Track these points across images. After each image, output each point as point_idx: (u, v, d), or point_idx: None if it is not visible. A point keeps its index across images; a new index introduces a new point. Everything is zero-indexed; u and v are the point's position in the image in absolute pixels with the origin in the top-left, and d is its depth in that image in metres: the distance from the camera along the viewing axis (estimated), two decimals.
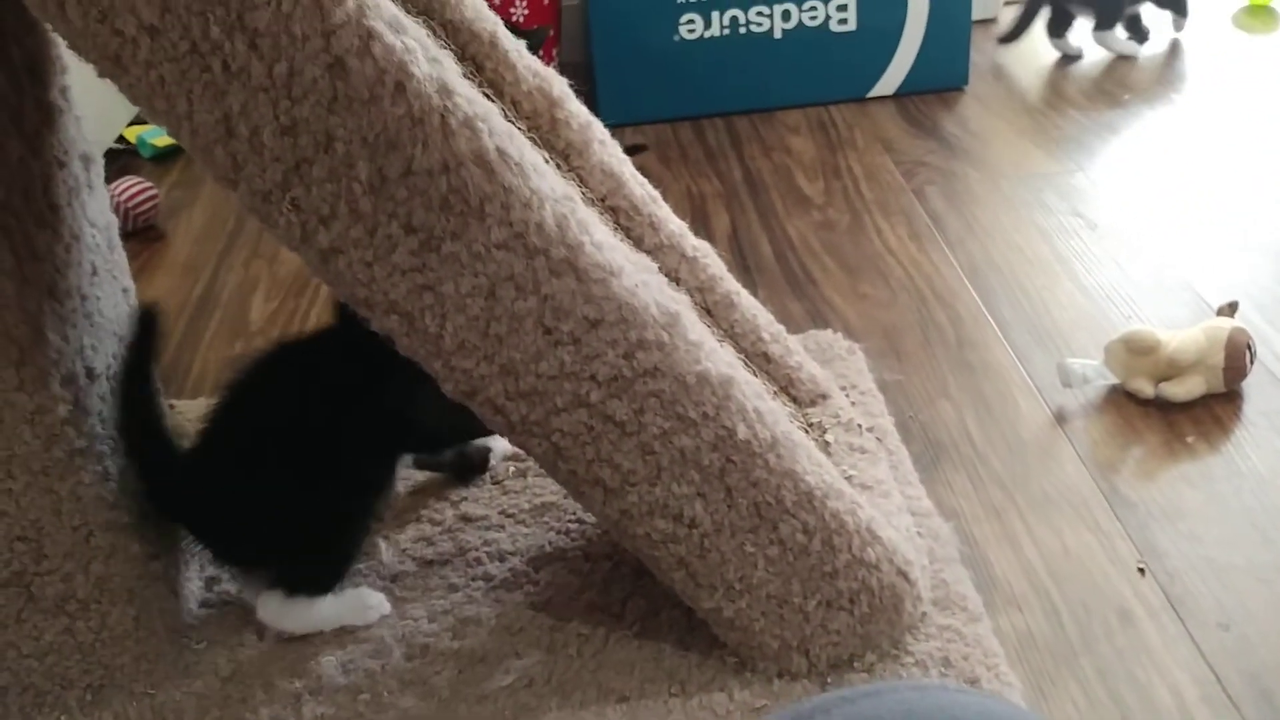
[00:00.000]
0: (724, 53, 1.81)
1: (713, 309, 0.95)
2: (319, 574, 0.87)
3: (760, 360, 0.98)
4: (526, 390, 0.70)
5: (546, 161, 0.86)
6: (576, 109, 0.89)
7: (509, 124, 0.68)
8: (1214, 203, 1.49)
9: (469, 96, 0.65)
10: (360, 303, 0.69)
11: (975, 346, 1.25)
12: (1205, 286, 1.32)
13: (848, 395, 1.12)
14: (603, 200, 0.90)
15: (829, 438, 0.95)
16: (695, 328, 0.74)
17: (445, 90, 0.64)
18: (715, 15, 1.79)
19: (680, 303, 0.73)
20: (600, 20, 1.78)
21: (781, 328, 1.01)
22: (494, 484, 1.03)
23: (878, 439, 1.00)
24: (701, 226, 1.54)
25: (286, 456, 0.82)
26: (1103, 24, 1.97)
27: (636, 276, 0.71)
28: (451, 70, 0.66)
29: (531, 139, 0.87)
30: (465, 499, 1.02)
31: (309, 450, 0.81)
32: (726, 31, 1.80)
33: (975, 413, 1.15)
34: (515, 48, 0.87)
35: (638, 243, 0.92)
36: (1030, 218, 1.49)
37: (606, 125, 1.77)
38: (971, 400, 1.17)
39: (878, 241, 1.48)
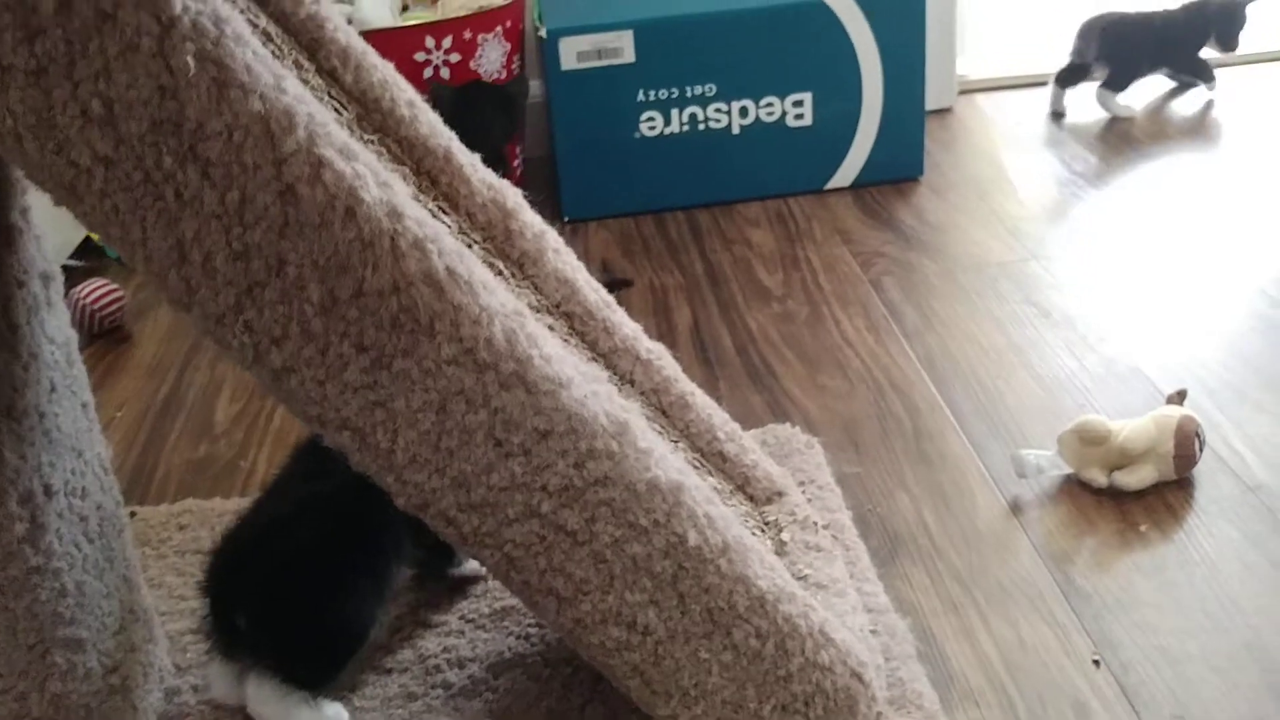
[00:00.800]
0: (684, 148, 1.85)
1: (668, 410, 0.97)
2: (324, 665, 0.88)
3: (716, 459, 0.99)
4: (478, 502, 0.71)
5: (501, 273, 0.88)
6: (530, 219, 0.91)
7: (459, 243, 0.70)
8: (1167, 289, 1.52)
9: (419, 218, 0.67)
10: (313, 420, 0.70)
11: (932, 438, 1.27)
12: (1158, 374, 1.34)
13: (806, 490, 1.13)
14: (557, 306, 0.92)
15: (785, 536, 0.96)
16: (645, 435, 0.75)
17: (395, 213, 0.66)
18: (674, 113, 1.83)
19: (630, 411, 0.75)
20: (562, 117, 1.82)
21: (737, 426, 1.03)
22: (453, 588, 1.04)
23: (834, 536, 1.02)
24: (664, 320, 1.56)
25: (316, 533, 0.85)
26: (1113, 85, 2.10)
27: (586, 387, 0.72)
28: (402, 193, 0.68)
29: (486, 250, 0.89)
30: (424, 604, 1.02)
31: (337, 527, 0.85)
32: (686, 128, 1.84)
33: (932, 505, 1.17)
34: (470, 162, 0.89)
35: (593, 346, 0.93)
36: (985, 307, 1.52)
37: (570, 220, 1.82)
38: (929, 492, 1.19)
39: (836, 333, 1.50)
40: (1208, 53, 2.16)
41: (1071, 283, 1.56)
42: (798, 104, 1.84)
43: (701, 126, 1.84)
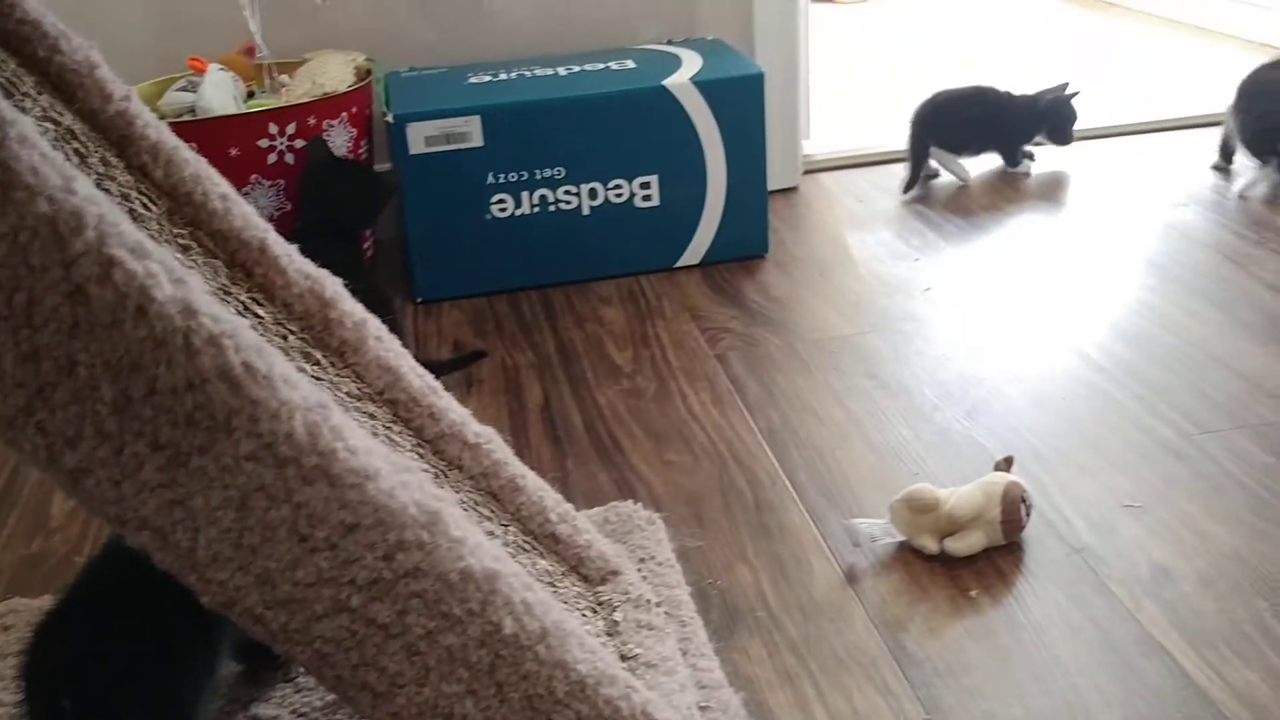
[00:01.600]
0: (535, 229, 1.87)
1: (499, 494, 0.97)
2: None
3: (549, 541, 0.99)
4: (284, 599, 0.70)
5: (319, 362, 0.88)
6: (350, 308, 0.91)
7: (260, 338, 0.70)
8: (998, 357, 1.58)
9: (215, 314, 0.67)
10: (112, 520, 0.69)
11: (773, 509, 1.29)
12: (989, 440, 1.39)
13: (645, 567, 1.14)
14: (380, 394, 0.92)
15: (618, 616, 0.96)
16: (459, 524, 0.75)
17: (189, 310, 0.65)
18: (524, 195, 1.85)
19: (443, 500, 0.75)
20: (413, 200, 1.82)
21: (570, 507, 1.03)
22: (286, 681, 1.02)
23: (668, 613, 1.02)
24: (515, 399, 1.57)
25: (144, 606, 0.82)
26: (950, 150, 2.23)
27: (395, 478, 0.72)
28: (199, 289, 0.67)
29: (304, 340, 0.89)
30: (255, 699, 1.00)
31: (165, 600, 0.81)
32: (536, 209, 1.86)
33: (771, 576, 1.19)
34: (286, 252, 0.89)
35: (418, 433, 0.93)
36: (825, 380, 1.56)
37: (423, 301, 1.82)
38: (768, 564, 1.20)
39: (683, 408, 1.52)
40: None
41: (907, 353, 1.61)
42: (645, 186, 1.88)
43: (552, 208, 1.87)
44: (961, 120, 2.23)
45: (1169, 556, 1.17)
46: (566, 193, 1.86)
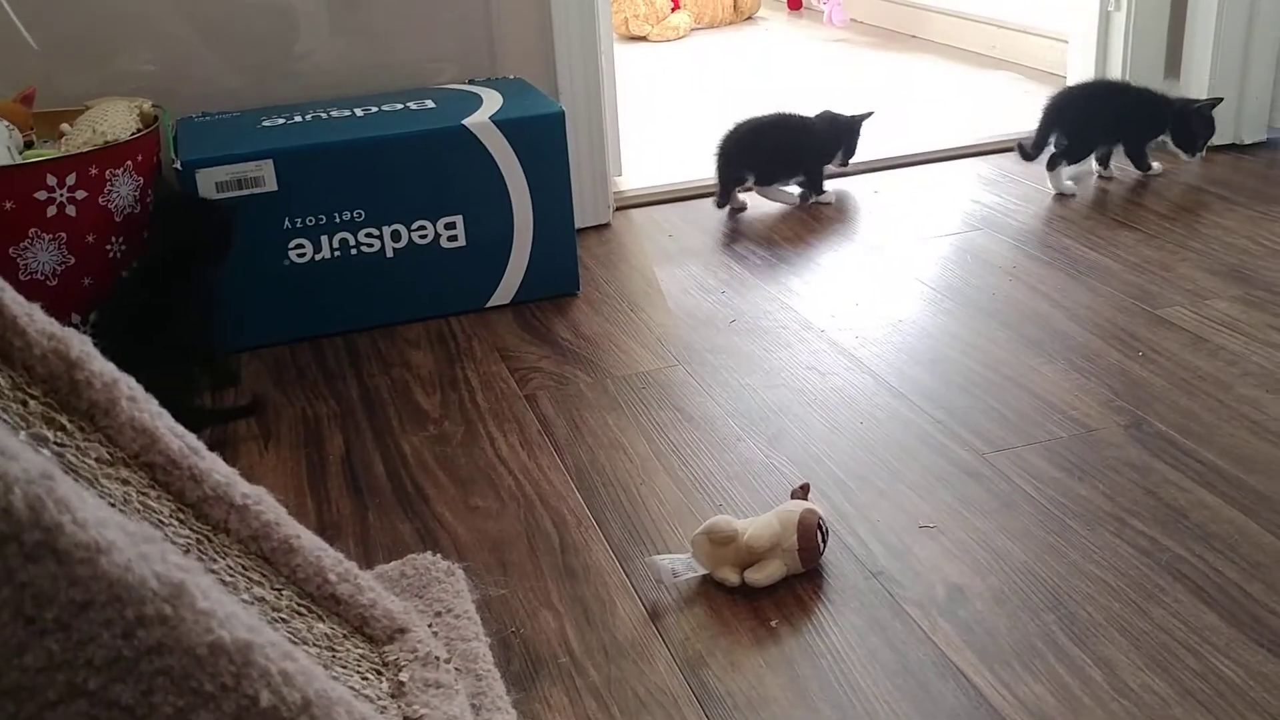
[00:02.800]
0: (337, 274, 1.82)
1: (270, 556, 0.93)
2: None
3: (329, 603, 0.95)
4: (11, 687, 0.65)
5: (64, 427, 0.83)
6: (100, 368, 0.86)
7: None
8: (798, 385, 1.60)
9: None
10: None
11: (578, 551, 1.28)
12: (789, 468, 1.40)
13: (442, 620, 1.10)
14: (135, 457, 0.87)
15: (404, 676, 0.93)
16: (207, 594, 0.71)
17: None
18: (324, 239, 1.80)
19: (189, 569, 0.71)
20: None
21: (352, 565, 0.99)
22: None
23: (461, 668, 0.99)
24: (315, 451, 1.52)
25: None
26: (763, 182, 2.28)
27: (132, 549, 0.68)
28: None
29: (48, 405, 0.83)
30: None
31: None
32: (338, 254, 1.81)
33: (575, 620, 1.16)
34: (26, 312, 0.84)
35: (179, 497, 0.89)
36: (633, 415, 1.55)
37: (227, 352, 1.74)
38: (572, 607, 1.18)
39: (490, 451, 1.49)
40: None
41: (713, 385, 1.61)
42: (450, 226, 1.85)
43: (354, 251, 1.82)
44: (764, 148, 2.28)
45: (963, 575, 1.19)
46: (368, 235, 1.82)
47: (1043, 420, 1.47)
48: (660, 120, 3.00)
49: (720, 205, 2.27)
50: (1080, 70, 2.59)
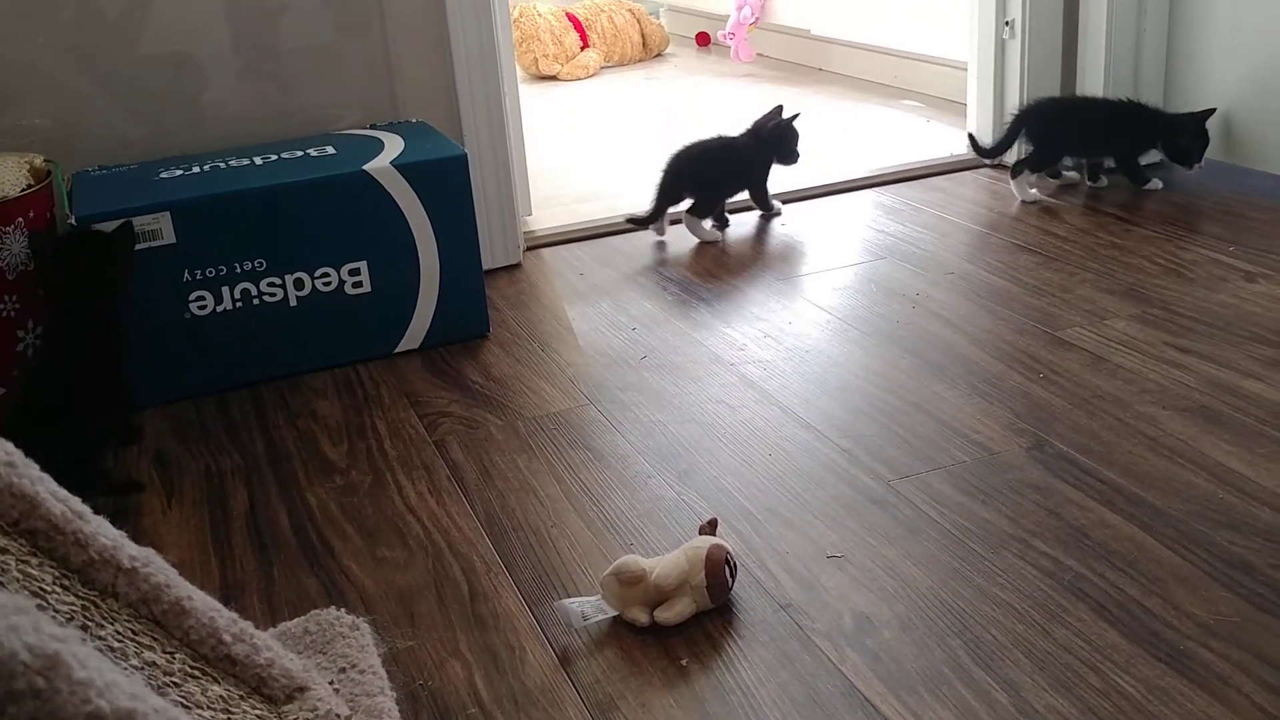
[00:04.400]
0: (241, 325, 1.79)
1: (162, 619, 0.90)
2: None
3: (224, 664, 0.93)
4: None
5: None
6: None
7: None
8: (709, 420, 1.60)
9: None
10: None
11: (488, 598, 1.26)
12: (700, 504, 1.40)
13: (346, 676, 1.08)
14: (15, 525, 0.84)
15: None
16: (85, 663, 0.69)
17: None
18: (225, 290, 1.77)
19: (65, 639, 0.69)
20: None
21: (247, 625, 0.97)
22: None
23: None
24: (218, 507, 1.49)
25: None
26: (697, 211, 2.31)
27: (0, 622, 0.66)
28: None
29: None
30: None
31: None
32: (240, 304, 1.79)
33: (484, 669, 1.15)
34: None
35: (63, 563, 0.86)
36: (544, 457, 1.54)
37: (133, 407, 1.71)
38: (481, 656, 1.17)
39: (399, 500, 1.48)
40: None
41: (624, 423, 1.61)
42: (354, 272, 1.84)
43: (256, 302, 1.80)
44: (709, 169, 2.35)
45: (870, 604, 1.20)
46: (270, 285, 1.80)
47: (947, 445, 1.48)
48: (570, 159, 3.01)
49: (649, 223, 2.32)
50: (980, 97, 2.65)
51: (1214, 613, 1.14)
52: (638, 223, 2.32)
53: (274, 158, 1.90)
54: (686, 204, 2.32)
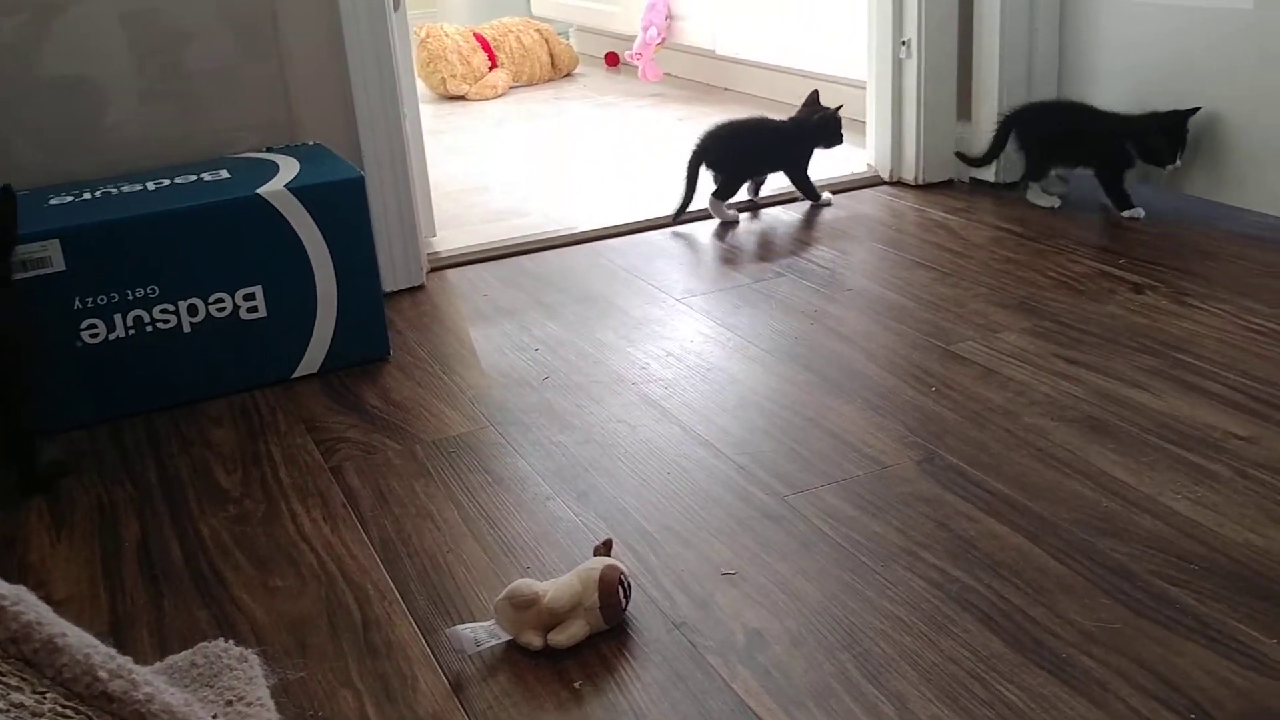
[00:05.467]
0: (134, 353, 1.76)
1: (33, 659, 0.88)
2: None
3: (101, 702, 0.91)
4: None
5: None
6: None
7: None
8: (607, 441, 1.60)
9: None
10: None
11: (380, 626, 1.25)
12: (598, 524, 1.40)
13: (232, 710, 1.07)
14: None
15: None
16: None
17: None
18: (117, 318, 1.74)
19: None
20: None
21: (126, 660, 0.95)
22: None
23: None
24: (109, 539, 1.46)
25: None
26: (720, 194, 2.49)
27: None
28: None
29: None
30: None
31: None
32: (132, 332, 1.75)
33: (375, 698, 1.14)
34: None
35: None
36: (442, 481, 1.54)
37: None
38: (373, 685, 1.16)
39: (292, 528, 1.46)
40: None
41: (524, 445, 1.61)
42: (249, 297, 1.81)
43: (149, 329, 1.77)
44: (738, 150, 2.51)
45: (762, 620, 1.21)
46: (164, 311, 1.77)
47: (840, 460, 1.50)
48: (478, 179, 3.00)
49: (678, 214, 2.49)
50: (879, 115, 2.69)
51: (1095, 620, 1.17)
52: (675, 218, 2.49)
53: (167, 183, 1.87)
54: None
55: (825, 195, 2.58)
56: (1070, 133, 2.40)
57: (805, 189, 2.57)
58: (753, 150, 2.54)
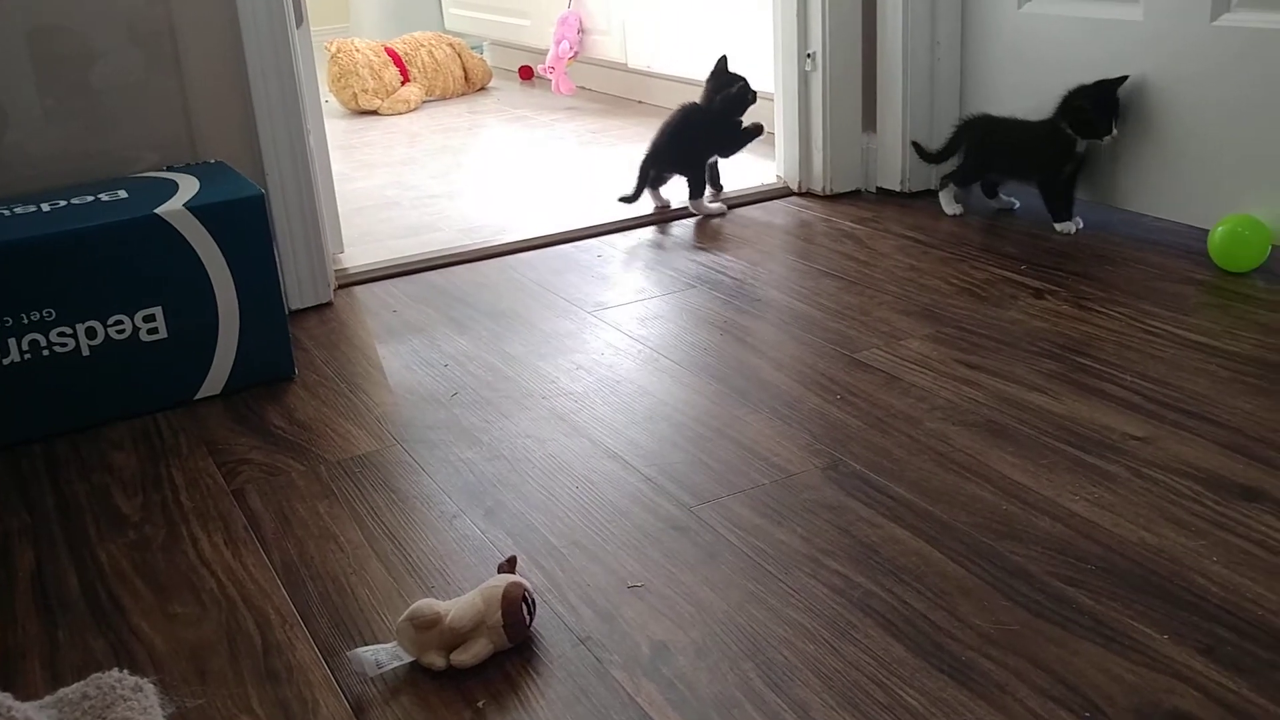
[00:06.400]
0: (30, 378, 1.72)
1: None
2: None
3: None
4: None
5: None
6: None
7: None
8: (515, 455, 1.59)
9: None
10: None
11: (281, 651, 1.23)
12: (505, 540, 1.39)
13: None
14: None
15: None
16: None
17: None
18: (12, 343, 1.70)
19: None
20: None
21: (6, 696, 0.93)
22: None
23: None
24: (2, 569, 1.42)
25: None
26: (693, 193, 2.60)
27: None
28: None
29: None
30: None
31: None
32: (28, 356, 1.71)
33: None
34: None
35: None
36: (346, 501, 1.52)
37: None
38: (273, 712, 1.14)
39: (193, 553, 1.43)
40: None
41: (431, 462, 1.60)
42: (149, 319, 1.78)
43: (46, 352, 1.72)
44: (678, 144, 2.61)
45: (668, 632, 1.21)
46: (60, 335, 1.73)
47: (747, 469, 1.51)
48: (390, 194, 2.98)
49: (633, 199, 2.61)
50: (786, 127, 2.72)
51: (995, 622, 1.19)
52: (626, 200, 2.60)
53: (63, 204, 1.83)
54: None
55: (719, 206, 2.61)
56: (1013, 145, 2.39)
57: (712, 179, 2.67)
58: (690, 141, 2.61)
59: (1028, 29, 2.42)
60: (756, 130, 2.61)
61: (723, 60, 2.63)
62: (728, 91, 2.58)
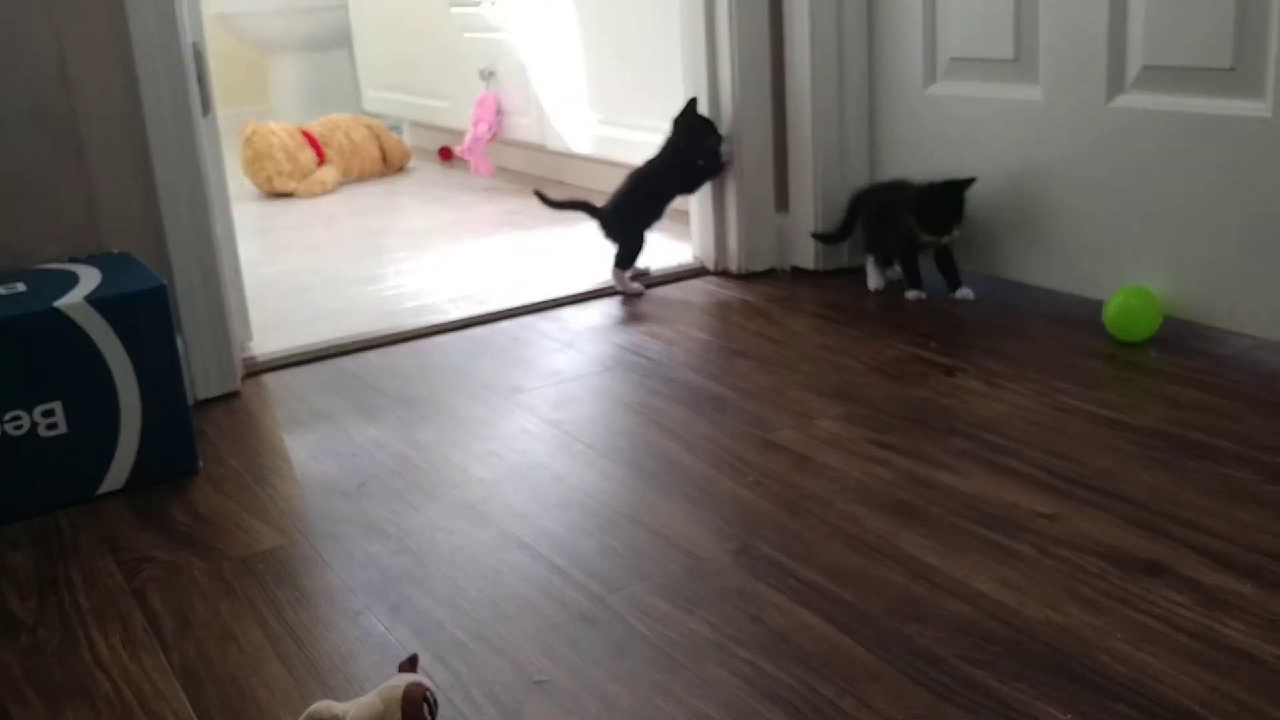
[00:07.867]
0: None
1: None
2: None
3: None
4: None
5: None
6: None
7: None
8: (423, 548, 1.57)
9: None
10: None
11: None
12: (410, 638, 1.36)
13: None
14: None
15: None
16: None
17: None
18: None
19: None
20: None
21: None
22: None
23: None
24: None
25: None
26: (620, 263, 2.62)
27: None
28: None
29: None
30: None
31: None
32: None
33: None
34: None
35: None
36: (248, 599, 1.48)
37: None
38: None
39: (89, 657, 1.38)
40: None
41: (336, 557, 1.57)
42: (48, 414, 1.73)
43: None
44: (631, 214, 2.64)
45: None
46: None
47: (658, 556, 1.50)
48: (304, 278, 2.95)
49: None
50: (701, 209, 2.75)
51: (903, 709, 1.18)
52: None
53: None
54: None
55: (636, 285, 2.62)
56: (881, 213, 2.48)
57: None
58: (642, 203, 2.65)
59: (933, 109, 2.48)
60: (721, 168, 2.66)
61: (692, 103, 2.62)
62: (707, 141, 2.62)
